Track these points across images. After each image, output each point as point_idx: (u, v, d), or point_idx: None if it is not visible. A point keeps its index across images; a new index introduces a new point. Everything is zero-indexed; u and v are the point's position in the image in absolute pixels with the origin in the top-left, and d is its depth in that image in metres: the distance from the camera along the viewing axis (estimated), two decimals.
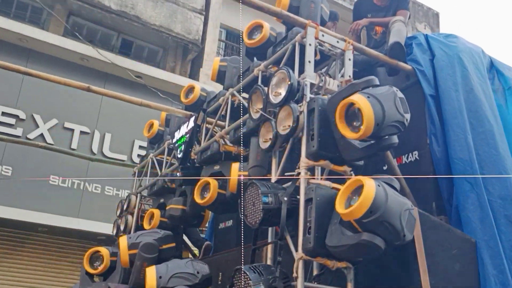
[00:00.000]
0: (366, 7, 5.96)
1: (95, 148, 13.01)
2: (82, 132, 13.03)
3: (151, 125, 7.41)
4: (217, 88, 13.73)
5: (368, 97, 3.61)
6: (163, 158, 6.65)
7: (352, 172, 4.11)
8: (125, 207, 7.05)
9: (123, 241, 5.26)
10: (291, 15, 4.59)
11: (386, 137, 3.72)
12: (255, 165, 4.64)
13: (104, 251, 6.15)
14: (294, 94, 4.21)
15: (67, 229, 12.22)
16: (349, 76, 4.50)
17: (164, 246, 5.26)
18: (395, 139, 3.75)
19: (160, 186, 6.42)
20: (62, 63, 13.00)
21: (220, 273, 5.32)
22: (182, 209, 5.74)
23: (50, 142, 12.40)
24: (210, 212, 6.12)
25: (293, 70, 4.43)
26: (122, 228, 6.94)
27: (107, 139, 13.23)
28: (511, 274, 4.12)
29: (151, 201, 7.03)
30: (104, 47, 14.12)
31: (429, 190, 4.54)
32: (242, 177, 4.82)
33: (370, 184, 3.40)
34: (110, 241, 12.94)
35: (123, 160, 13.13)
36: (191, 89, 6.43)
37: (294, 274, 3.79)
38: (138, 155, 13.31)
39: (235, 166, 4.81)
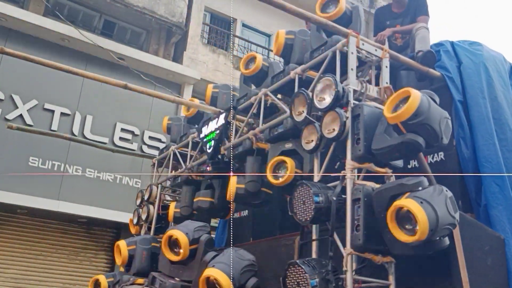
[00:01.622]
0: (385, 15, 6.49)
1: (76, 130, 13.12)
2: (62, 114, 13.11)
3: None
4: (202, 72, 14.09)
5: (423, 94, 4.17)
6: (185, 151, 7.06)
7: (392, 173, 4.62)
8: (146, 197, 7.41)
9: (183, 237, 5.62)
10: (334, 24, 5.01)
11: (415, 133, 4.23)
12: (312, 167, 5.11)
13: (121, 243, 6.55)
14: (339, 100, 4.66)
15: (47, 211, 12.40)
16: (386, 83, 4.99)
17: None
18: (420, 140, 4.22)
19: (185, 178, 6.82)
20: (42, 43, 13.06)
21: None
22: (210, 201, 6.19)
23: (30, 123, 12.51)
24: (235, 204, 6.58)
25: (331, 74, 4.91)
26: (144, 217, 7.32)
27: (88, 121, 13.37)
28: None
29: (169, 191, 7.45)
30: (86, 27, 14.22)
31: (455, 188, 5.02)
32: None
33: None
34: (91, 223, 13.26)
35: (104, 143, 13.30)
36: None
37: (344, 268, 4.28)
38: (120, 138, 13.61)
39: (291, 163, 5.24)
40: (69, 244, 13.33)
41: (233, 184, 5.69)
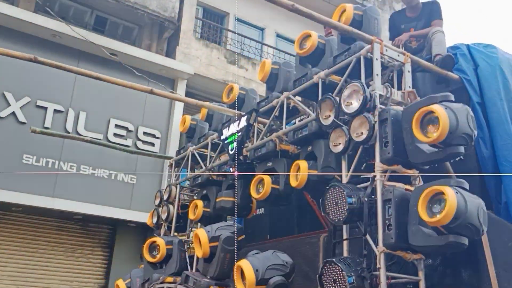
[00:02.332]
0: (400, 19, 6.83)
1: (69, 127, 13.10)
2: (55, 111, 13.02)
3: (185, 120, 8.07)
4: (195, 67, 14.23)
5: (445, 108, 4.41)
6: (204, 152, 7.33)
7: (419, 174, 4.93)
8: (165, 197, 7.68)
9: (203, 234, 5.92)
10: (359, 32, 5.29)
11: (454, 146, 4.52)
12: (326, 166, 5.38)
13: (160, 241, 6.81)
14: (366, 105, 4.95)
15: (42, 209, 12.39)
16: (409, 87, 5.30)
17: (239, 238, 5.99)
18: (461, 149, 4.55)
19: (205, 178, 7.10)
20: (33, 40, 12.99)
21: None
22: (233, 201, 6.48)
23: (23, 121, 12.55)
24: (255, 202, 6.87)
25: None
26: (164, 217, 7.61)
27: (82, 118, 13.34)
28: None
29: (187, 191, 7.73)
30: (77, 23, 14.21)
31: (475, 187, 5.31)
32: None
33: (451, 194, 4.12)
34: (87, 220, 13.38)
35: (98, 139, 13.32)
36: (231, 89, 7.10)
37: (378, 265, 4.58)
38: (114, 134, 13.57)
39: (303, 164, 5.51)
40: (66, 242, 13.37)
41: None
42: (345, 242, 5.07)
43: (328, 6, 17.26)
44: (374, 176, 4.85)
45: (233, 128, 6.37)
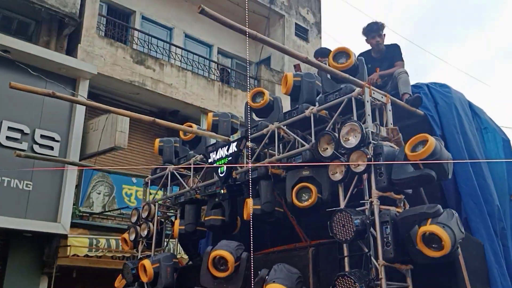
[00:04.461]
0: (367, 59, 8.14)
1: None
2: None
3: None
4: (99, 66, 14.48)
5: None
6: (182, 172, 8.39)
7: (404, 199, 6.47)
8: (144, 215, 8.60)
9: (230, 256, 6.96)
10: (354, 79, 6.64)
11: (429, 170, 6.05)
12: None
13: (146, 263, 7.75)
14: (363, 141, 6.38)
15: None
16: (391, 124, 6.81)
17: None
18: (433, 173, 6.05)
19: (188, 197, 8.17)
20: None
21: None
22: (222, 219, 7.64)
23: None
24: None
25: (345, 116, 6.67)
26: (144, 234, 8.52)
27: None
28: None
29: (163, 208, 8.74)
30: None
31: (437, 203, 6.94)
32: None
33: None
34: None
35: None
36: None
37: (380, 276, 6.04)
38: (7, 137, 13.40)
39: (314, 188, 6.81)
40: None
41: (251, 205, 6.97)
42: (346, 258, 6.47)
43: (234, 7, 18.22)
44: (372, 201, 6.32)
45: (222, 152, 7.51)
